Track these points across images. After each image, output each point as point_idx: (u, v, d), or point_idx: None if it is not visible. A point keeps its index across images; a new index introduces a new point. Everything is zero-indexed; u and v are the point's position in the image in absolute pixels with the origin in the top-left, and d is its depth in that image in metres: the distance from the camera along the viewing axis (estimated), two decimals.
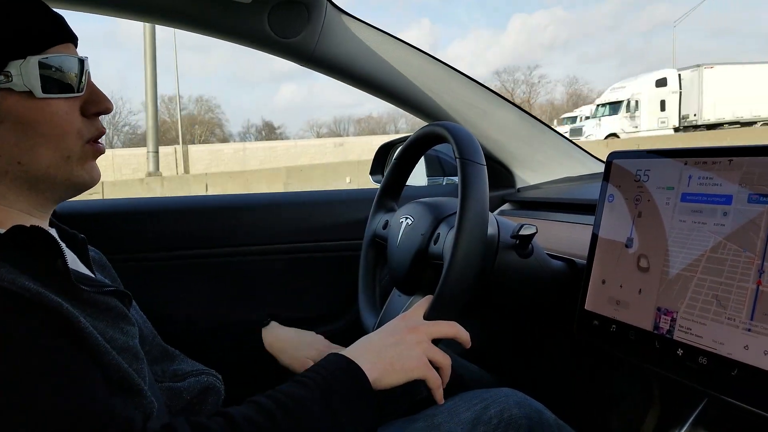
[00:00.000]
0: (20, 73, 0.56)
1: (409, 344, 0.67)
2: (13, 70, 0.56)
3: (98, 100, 0.63)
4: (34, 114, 0.57)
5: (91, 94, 0.63)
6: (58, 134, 0.59)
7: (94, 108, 0.62)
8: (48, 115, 0.58)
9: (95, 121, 0.63)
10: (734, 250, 0.62)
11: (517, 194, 1.34)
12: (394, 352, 0.66)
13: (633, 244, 0.73)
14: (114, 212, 1.19)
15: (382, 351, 0.66)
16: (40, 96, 0.57)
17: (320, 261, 1.29)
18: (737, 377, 0.59)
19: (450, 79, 1.21)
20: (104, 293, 0.59)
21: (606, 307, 0.75)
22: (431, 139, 0.91)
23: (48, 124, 0.58)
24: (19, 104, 0.57)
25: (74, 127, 0.60)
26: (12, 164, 0.58)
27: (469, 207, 0.72)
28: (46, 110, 0.58)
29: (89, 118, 0.62)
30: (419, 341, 0.68)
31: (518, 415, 0.71)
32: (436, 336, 0.70)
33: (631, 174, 0.76)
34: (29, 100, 0.57)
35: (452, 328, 0.71)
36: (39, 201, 0.62)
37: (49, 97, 0.58)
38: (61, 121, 0.59)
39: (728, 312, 0.61)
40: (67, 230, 0.70)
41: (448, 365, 0.70)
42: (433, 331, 0.70)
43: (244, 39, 1.08)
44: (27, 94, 0.57)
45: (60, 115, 0.59)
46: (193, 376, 0.73)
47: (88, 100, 0.62)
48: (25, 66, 0.56)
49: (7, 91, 0.56)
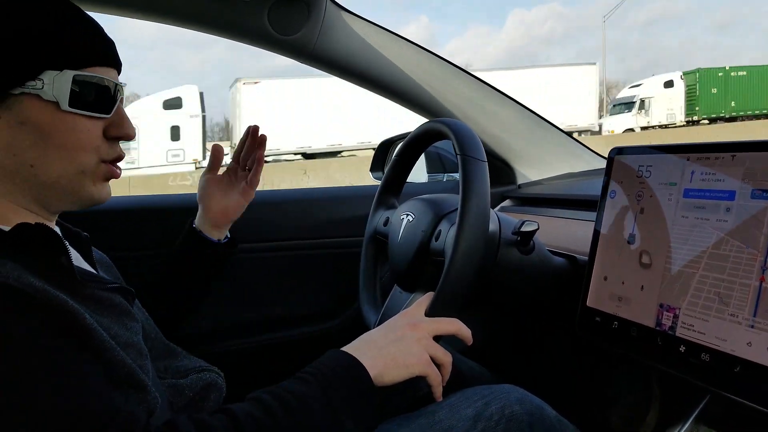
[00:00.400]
0: (52, 83, 0.57)
1: (410, 341, 0.67)
2: (46, 78, 0.57)
3: (122, 125, 0.64)
4: (56, 125, 0.58)
5: (118, 118, 0.64)
6: (74, 148, 0.60)
7: (116, 132, 0.63)
8: (69, 129, 0.59)
9: (115, 145, 0.64)
10: (737, 247, 0.61)
11: (518, 190, 1.34)
12: (395, 349, 0.66)
13: (635, 240, 0.73)
14: (117, 210, 1.19)
15: (384, 347, 0.66)
16: (65, 109, 0.58)
17: (321, 258, 1.29)
18: (740, 374, 0.59)
19: (450, 75, 1.21)
20: (108, 290, 0.59)
21: (608, 303, 0.75)
22: (432, 136, 0.91)
23: (66, 137, 0.59)
24: (43, 112, 0.58)
25: (92, 145, 0.61)
26: (24, 165, 0.58)
27: (471, 203, 0.72)
28: (68, 124, 0.59)
29: (109, 141, 0.63)
30: (420, 338, 0.68)
31: (519, 412, 0.71)
32: (438, 333, 0.70)
33: (633, 170, 0.76)
34: (54, 110, 0.58)
35: (453, 324, 0.71)
36: (42, 206, 0.62)
37: (74, 112, 0.59)
38: (80, 137, 0.60)
39: (731, 309, 0.61)
40: (70, 228, 0.70)
41: (449, 362, 0.70)
42: (435, 328, 0.70)
43: (244, 36, 1.07)
44: (53, 104, 0.58)
45: (80, 130, 0.60)
46: (195, 373, 0.73)
47: (113, 123, 0.63)
48: (59, 78, 0.57)
49: (35, 97, 0.57)
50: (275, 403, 0.55)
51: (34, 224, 0.55)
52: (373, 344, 0.66)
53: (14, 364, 0.46)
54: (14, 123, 0.57)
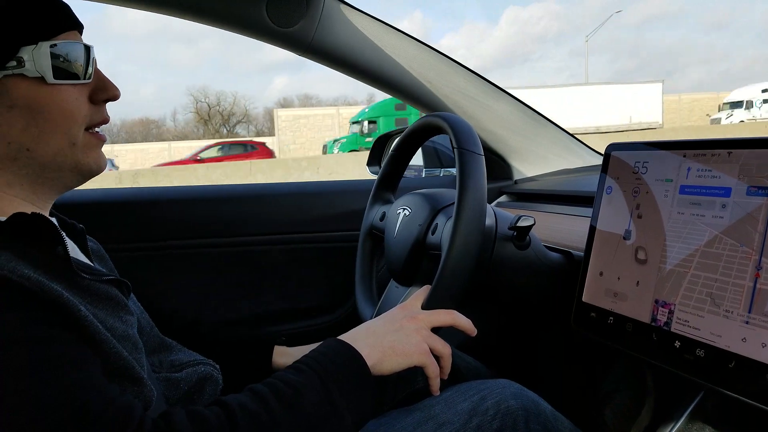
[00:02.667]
0: (32, 59, 0.56)
1: (408, 331, 0.67)
2: (25, 55, 0.56)
3: (106, 87, 0.63)
4: (45, 100, 0.57)
5: (99, 81, 0.63)
6: (66, 120, 0.59)
7: (103, 95, 0.63)
8: (58, 102, 0.58)
9: (102, 108, 0.64)
10: (730, 245, 0.62)
11: (514, 186, 1.34)
12: (393, 338, 0.66)
13: (631, 236, 0.73)
14: (112, 202, 1.18)
15: (382, 337, 0.66)
16: (51, 82, 0.57)
17: (317, 252, 1.29)
18: (734, 370, 0.59)
19: (448, 70, 1.20)
20: (104, 282, 0.59)
21: (603, 299, 0.76)
22: (429, 130, 0.91)
23: (58, 110, 0.58)
24: (31, 90, 0.57)
25: (82, 113, 0.61)
26: (21, 151, 0.58)
27: (467, 197, 0.72)
28: (56, 96, 0.58)
29: (97, 105, 0.63)
30: (419, 329, 0.68)
31: (515, 406, 0.71)
32: (436, 324, 0.70)
33: (630, 166, 0.76)
34: (40, 86, 0.57)
35: (450, 316, 0.71)
36: (44, 189, 0.62)
37: (60, 83, 0.58)
38: (71, 107, 0.59)
39: (725, 305, 0.61)
40: (66, 220, 0.70)
41: (448, 354, 0.70)
42: (432, 320, 0.70)
43: (242, 28, 1.07)
44: (38, 80, 0.57)
45: (70, 101, 0.59)
46: (191, 367, 0.73)
47: (97, 87, 0.63)
48: (36, 52, 0.56)
49: (19, 77, 0.56)
50: (271, 394, 0.55)
51: (30, 214, 0.54)
52: (371, 333, 0.66)
53: (7, 356, 0.46)
54: (3, 109, 0.56)
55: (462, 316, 0.72)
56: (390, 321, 0.68)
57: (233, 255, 1.24)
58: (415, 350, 0.66)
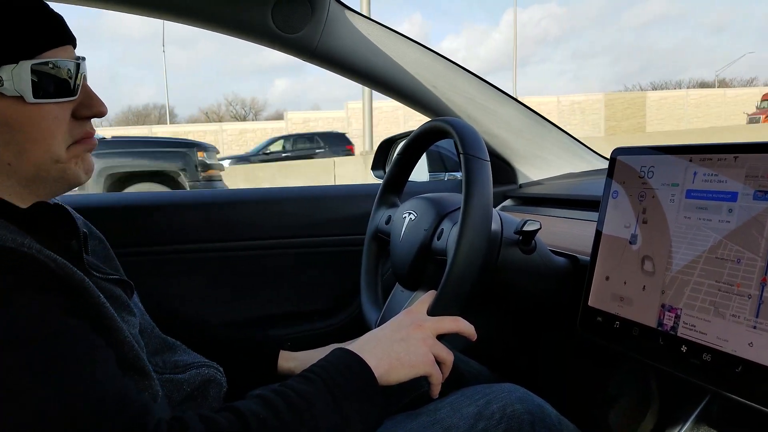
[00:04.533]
0: (11, 78, 0.55)
1: (415, 341, 0.67)
2: (4, 74, 0.55)
3: (92, 104, 0.62)
4: (24, 119, 0.56)
5: (86, 97, 0.61)
6: (46, 138, 0.57)
7: (87, 111, 0.61)
8: (37, 120, 0.57)
9: (85, 123, 0.62)
10: (735, 251, 0.61)
11: (519, 190, 1.34)
12: (400, 349, 0.66)
13: (637, 240, 0.73)
14: (115, 206, 1.19)
15: (389, 347, 0.66)
16: (30, 101, 0.56)
17: (323, 256, 1.29)
18: (741, 374, 0.59)
19: (453, 74, 1.21)
20: (109, 281, 0.59)
21: (610, 303, 0.75)
22: (434, 135, 0.91)
23: (37, 129, 0.57)
24: (9, 109, 0.55)
25: (62, 130, 0.59)
26: (2, 165, 0.57)
27: (473, 202, 0.72)
28: (35, 115, 0.56)
29: (79, 120, 0.61)
30: (425, 338, 0.68)
31: (520, 411, 0.71)
32: (441, 332, 0.70)
33: (636, 170, 0.76)
34: (19, 104, 0.56)
35: (456, 323, 0.71)
36: (32, 198, 0.61)
37: (41, 102, 0.57)
38: (50, 125, 0.57)
39: (731, 310, 0.61)
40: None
41: (450, 361, 0.70)
42: (438, 327, 0.70)
43: (247, 34, 1.07)
44: (17, 99, 0.55)
45: (50, 119, 0.57)
46: (194, 368, 0.73)
47: (82, 103, 0.61)
48: (17, 71, 0.55)
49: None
50: (282, 403, 0.56)
51: (52, 204, 0.55)
52: (379, 343, 0.66)
53: (34, 336, 0.46)
54: None
55: (465, 323, 0.72)
56: (396, 329, 0.68)
57: (238, 259, 1.24)
58: (422, 361, 0.66)
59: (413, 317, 0.70)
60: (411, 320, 0.69)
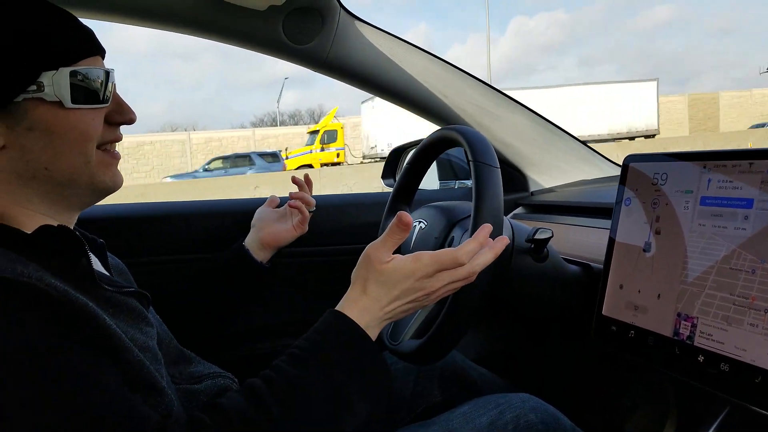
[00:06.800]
0: (52, 84, 0.58)
1: (418, 291, 0.63)
2: (45, 80, 0.58)
3: (122, 110, 0.65)
4: (63, 122, 0.59)
5: (117, 105, 0.65)
6: (82, 141, 0.61)
7: (120, 118, 0.65)
8: (75, 124, 0.60)
9: (115, 129, 0.66)
10: (750, 260, 0.60)
11: (530, 198, 1.33)
12: (403, 303, 0.63)
13: (651, 248, 0.72)
14: (130, 217, 1.20)
15: (391, 303, 0.63)
16: (69, 106, 0.59)
17: (332, 265, 1.29)
18: (761, 384, 0.58)
19: (462, 82, 1.21)
20: (124, 294, 0.60)
21: (624, 312, 0.74)
22: (444, 143, 0.91)
23: (74, 132, 0.60)
24: (49, 113, 0.59)
25: (96, 134, 0.62)
26: (39, 170, 0.59)
27: (484, 210, 0.71)
28: (72, 119, 0.60)
29: (111, 126, 0.65)
30: (430, 286, 0.63)
31: (534, 421, 0.70)
32: (441, 265, 0.64)
33: (648, 177, 0.75)
34: (58, 109, 0.59)
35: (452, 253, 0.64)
36: (63, 207, 0.63)
37: (77, 108, 0.60)
38: (87, 129, 0.61)
39: (748, 318, 0.60)
40: (87, 234, 0.71)
41: (473, 273, 0.63)
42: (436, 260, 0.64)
43: (258, 45, 1.08)
44: (57, 104, 0.59)
45: (86, 122, 0.61)
46: (210, 379, 0.74)
47: (114, 110, 0.65)
48: (57, 77, 0.58)
49: (38, 101, 0.58)
50: (271, 398, 0.54)
51: (56, 226, 0.56)
52: (377, 303, 0.63)
53: (32, 365, 0.47)
54: (22, 130, 0.58)
55: None
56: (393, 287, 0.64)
57: None
58: (434, 299, 0.63)
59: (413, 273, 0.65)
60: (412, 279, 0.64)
